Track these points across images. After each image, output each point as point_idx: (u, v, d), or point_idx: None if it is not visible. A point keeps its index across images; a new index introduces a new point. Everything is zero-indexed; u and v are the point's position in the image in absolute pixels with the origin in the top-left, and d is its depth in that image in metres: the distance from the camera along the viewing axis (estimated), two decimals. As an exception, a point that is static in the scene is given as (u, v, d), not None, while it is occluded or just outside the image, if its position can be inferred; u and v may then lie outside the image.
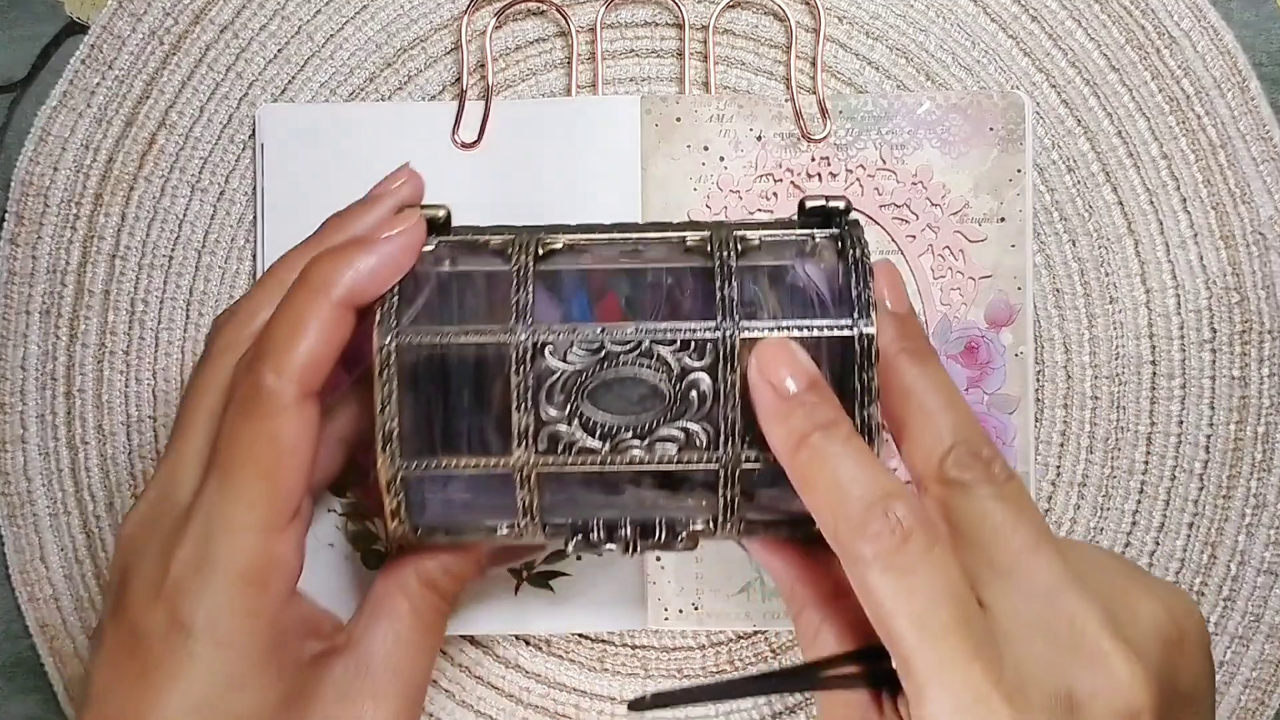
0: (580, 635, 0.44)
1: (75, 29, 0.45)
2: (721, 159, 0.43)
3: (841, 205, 0.34)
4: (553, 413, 0.32)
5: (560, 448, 0.32)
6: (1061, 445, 0.44)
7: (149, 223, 0.45)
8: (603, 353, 0.32)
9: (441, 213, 0.35)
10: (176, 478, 0.33)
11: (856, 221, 0.34)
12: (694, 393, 0.32)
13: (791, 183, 0.43)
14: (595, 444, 0.32)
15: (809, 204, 0.35)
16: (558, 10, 0.44)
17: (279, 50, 0.44)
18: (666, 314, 0.35)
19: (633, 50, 0.44)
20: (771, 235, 0.35)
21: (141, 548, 0.32)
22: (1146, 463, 0.44)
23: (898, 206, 0.43)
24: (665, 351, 0.33)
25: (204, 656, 0.31)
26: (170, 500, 0.33)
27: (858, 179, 0.43)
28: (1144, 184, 0.44)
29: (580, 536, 0.33)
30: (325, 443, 0.35)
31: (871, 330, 0.32)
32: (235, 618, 0.31)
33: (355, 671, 0.34)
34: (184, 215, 0.45)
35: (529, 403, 0.32)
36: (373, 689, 0.34)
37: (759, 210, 0.43)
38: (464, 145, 0.43)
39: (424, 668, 0.36)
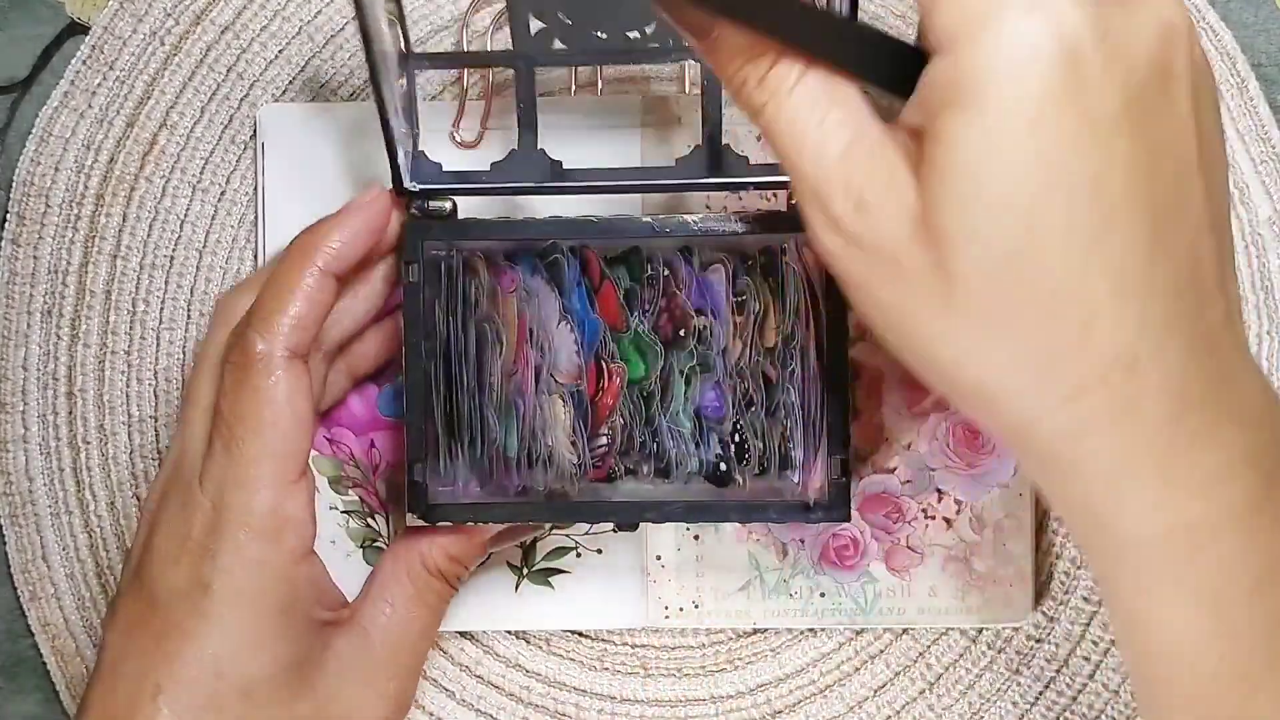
0: (580, 633, 0.44)
1: (76, 29, 0.45)
2: (721, 159, 0.43)
3: None
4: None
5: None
6: (1060, 444, 0.44)
7: (150, 223, 0.45)
8: None
9: (448, 205, 0.37)
10: (188, 449, 0.35)
11: None
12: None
13: (791, 183, 0.43)
14: None
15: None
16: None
17: (280, 51, 0.45)
18: (663, 305, 0.38)
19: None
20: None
21: (159, 519, 0.34)
22: (1145, 462, 0.44)
23: (897, 206, 0.43)
24: None
25: (221, 615, 0.32)
26: (183, 471, 0.34)
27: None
28: (1143, 184, 0.44)
29: None
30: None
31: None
32: (250, 574, 0.33)
33: (357, 648, 0.36)
34: (185, 215, 0.45)
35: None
36: (373, 666, 0.36)
37: (759, 210, 0.43)
38: (464, 145, 0.43)
39: (423, 649, 0.38)
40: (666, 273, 0.38)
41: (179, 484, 0.34)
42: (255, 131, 0.44)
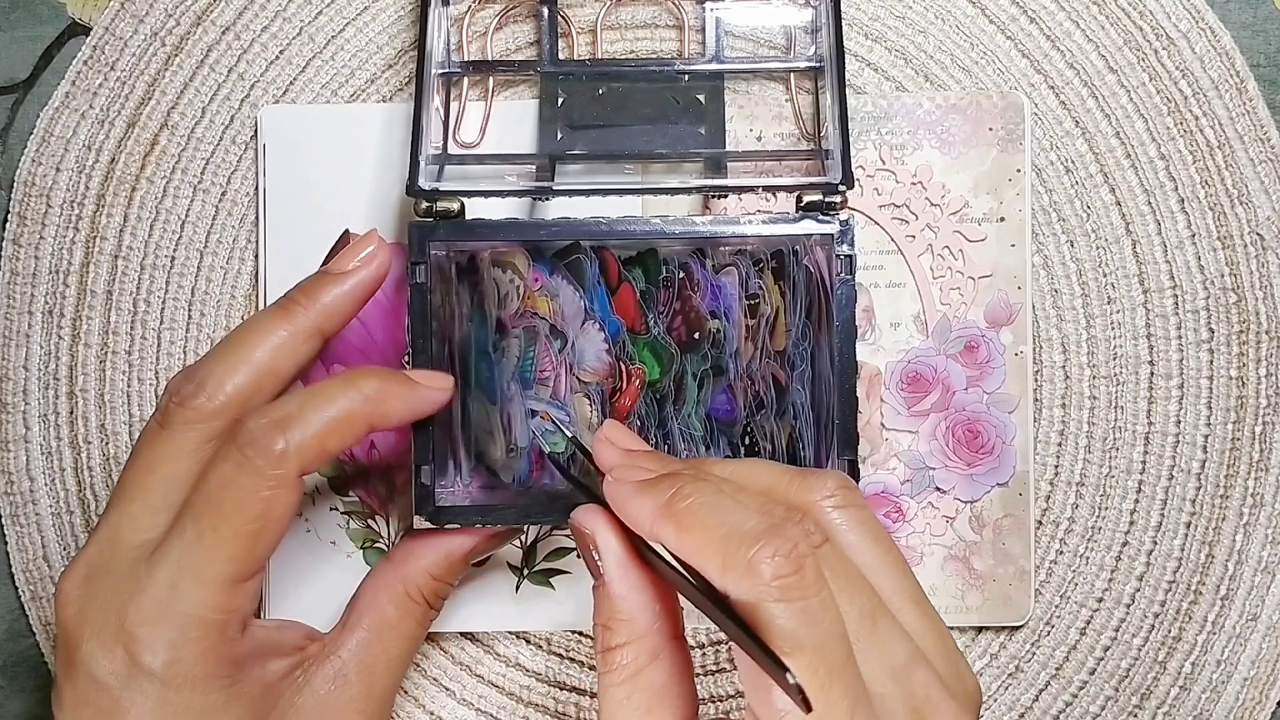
0: (580, 633, 0.44)
1: (77, 30, 0.45)
2: (721, 160, 0.43)
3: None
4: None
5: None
6: (1060, 445, 0.44)
7: (151, 223, 0.45)
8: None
9: (455, 205, 0.37)
10: (125, 536, 0.33)
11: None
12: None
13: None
14: None
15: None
16: (558, 12, 0.44)
17: (281, 52, 0.45)
18: (678, 308, 0.38)
19: (633, 51, 0.44)
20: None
21: (89, 601, 0.33)
22: (1144, 462, 0.44)
23: (897, 206, 0.43)
24: None
25: (169, 697, 0.32)
26: (119, 554, 0.33)
27: (857, 179, 0.43)
28: (1142, 185, 0.44)
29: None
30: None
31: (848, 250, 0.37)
32: (195, 661, 0.32)
33: (334, 681, 0.35)
34: (186, 216, 0.45)
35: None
36: (350, 698, 0.35)
37: (759, 211, 0.43)
38: (464, 146, 0.43)
39: (399, 674, 0.37)
40: (681, 275, 0.38)
41: (110, 569, 0.33)
42: (256, 132, 0.44)
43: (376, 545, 0.43)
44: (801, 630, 0.26)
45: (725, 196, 0.43)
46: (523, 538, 0.43)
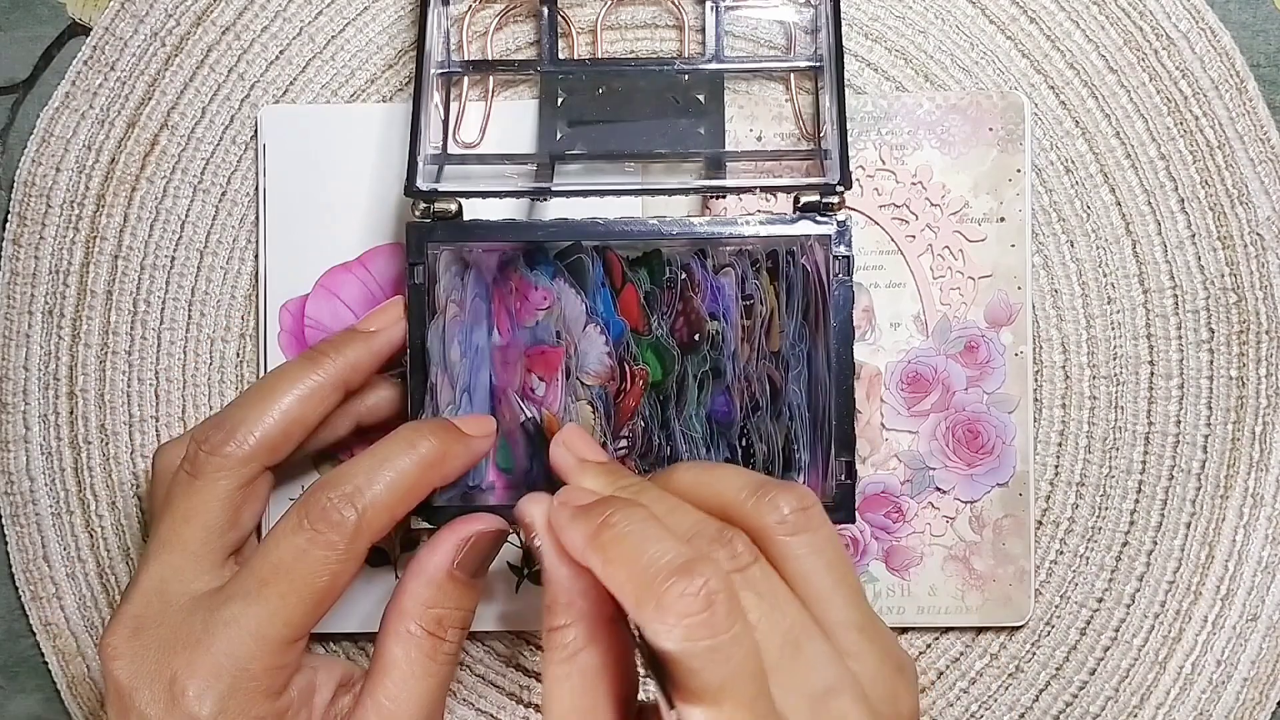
0: (581, 634, 0.44)
1: (77, 30, 0.45)
2: (721, 160, 0.43)
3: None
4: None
5: None
6: (1060, 445, 0.44)
7: (151, 223, 0.45)
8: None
9: (453, 206, 0.37)
10: (171, 588, 0.34)
11: None
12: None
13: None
14: None
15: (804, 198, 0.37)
16: (558, 12, 0.44)
17: (281, 52, 0.45)
18: (680, 309, 0.38)
19: (633, 51, 0.44)
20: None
21: (141, 654, 0.33)
22: (1144, 462, 0.44)
23: (897, 206, 0.43)
24: None
25: None
26: (167, 606, 0.34)
27: (857, 179, 0.43)
28: (1142, 185, 0.44)
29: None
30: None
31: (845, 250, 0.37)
32: (239, 712, 0.33)
33: None
34: (186, 216, 0.45)
35: None
36: None
37: (759, 211, 0.43)
38: (464, 145, 0.43)
39: (434, 711, 0.36)
40: (683, 276, 0.38)
41: (165, 619, 0.33)
42: (256, 132, 0.44)
43: (378, 546, 0.43)
44: (708, 669, 0.27)
45: (724, 196, 0.43)
46: (522, 538, 0.43)
